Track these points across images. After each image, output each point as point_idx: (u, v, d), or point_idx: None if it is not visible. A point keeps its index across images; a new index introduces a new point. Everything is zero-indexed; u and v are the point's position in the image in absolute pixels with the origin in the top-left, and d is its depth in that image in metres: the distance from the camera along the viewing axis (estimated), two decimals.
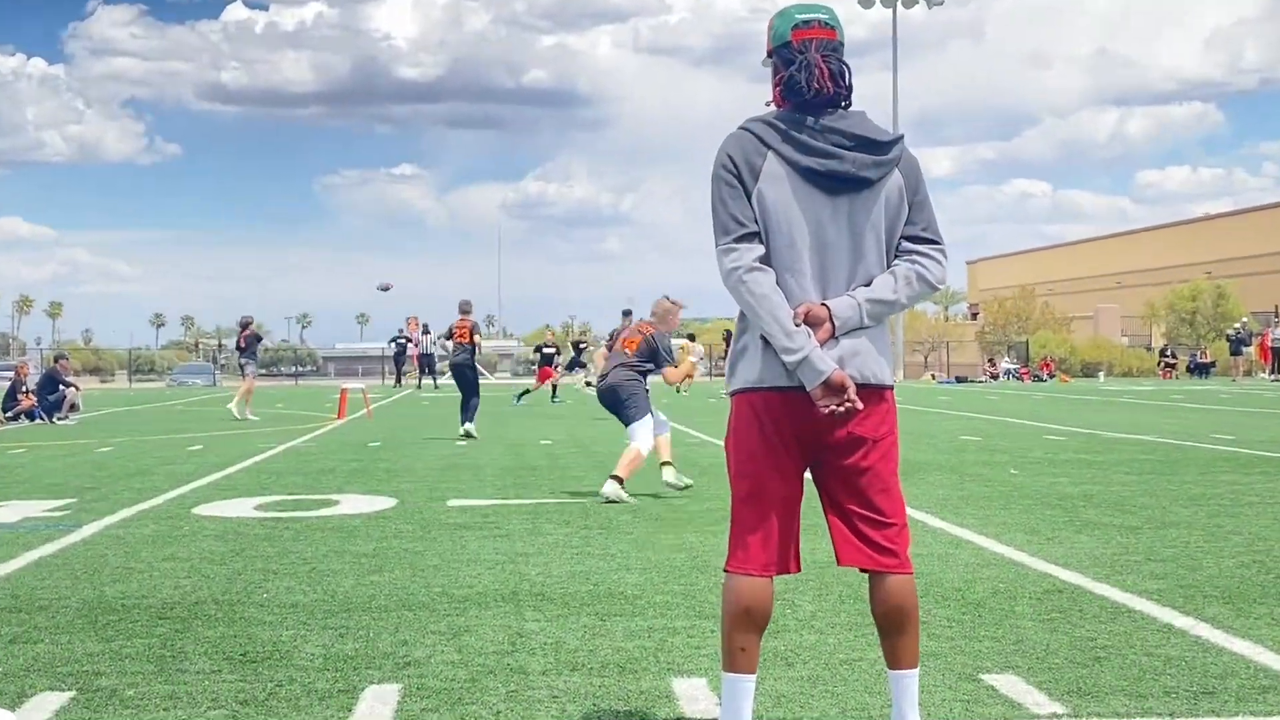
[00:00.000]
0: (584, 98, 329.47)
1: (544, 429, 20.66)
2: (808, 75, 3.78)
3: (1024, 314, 77.77)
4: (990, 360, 61.69)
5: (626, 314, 23.70)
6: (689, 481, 11.43)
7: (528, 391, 31.62)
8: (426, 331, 43.70)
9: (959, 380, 54.45)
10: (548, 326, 36.91)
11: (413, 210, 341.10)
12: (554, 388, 33.20)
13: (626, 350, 11.28)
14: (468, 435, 18.33)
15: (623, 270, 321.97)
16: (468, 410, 18.81)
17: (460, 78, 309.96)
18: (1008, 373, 57.89)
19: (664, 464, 11.32)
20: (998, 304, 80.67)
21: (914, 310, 76.07)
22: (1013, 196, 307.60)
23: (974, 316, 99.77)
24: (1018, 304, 79.00)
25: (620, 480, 10.69)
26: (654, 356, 11.24)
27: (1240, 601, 6.34)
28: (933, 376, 60.49)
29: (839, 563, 3.87)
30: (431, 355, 44.00)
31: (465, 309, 19.75)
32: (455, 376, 19.58)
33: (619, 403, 11.12)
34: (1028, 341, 66.80)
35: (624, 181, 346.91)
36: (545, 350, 34.89)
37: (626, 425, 11.14)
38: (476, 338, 19.29)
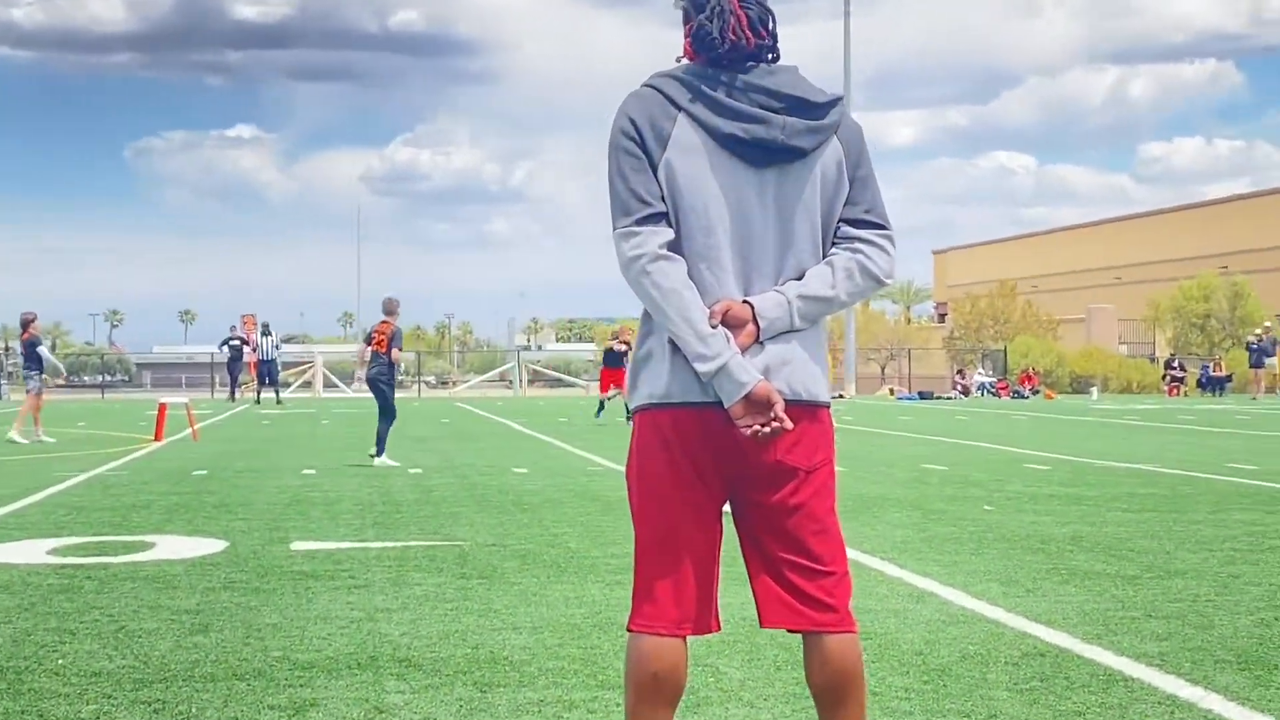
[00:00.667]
0: (464, 44, 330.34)
1: (411, 454, 20.53)
2: (721, 24, 3.79)
3: (1002, 316, 78.50)
4: (960, 372, 62.26)
5: None
6: None
7: (628, 407, 30.90)
8: (267, 333, 43.43)
9: (923, 396, 54.91)
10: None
11: (251, 182, 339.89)
12: (602, 404, 32.05)
13: None
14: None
15: (513, 258, 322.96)
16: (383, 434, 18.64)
17: (311, 17, 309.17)
18: (981, 387, 58.47)
19: None
20: (970, 303, 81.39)
21: (870, 310, 76.63)
22: (989, 172, 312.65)
23: (941, 319, 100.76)
24: (994, 304, 79.74)
25: None
26: None
27: (1259, 667, 6.44)
28: (891, 391, 60.98)
29: (762, 623, 3.86)
30: (273, 362, 43.66)
31: (389, 309, 19.02)
32: (373, 392, 19.27)
33: None
34: (1005, 349, 67.47)
35: (514, 149, 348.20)
36: (616, 348, 32.85)
37: None
38: (395, 351, 18.73)
